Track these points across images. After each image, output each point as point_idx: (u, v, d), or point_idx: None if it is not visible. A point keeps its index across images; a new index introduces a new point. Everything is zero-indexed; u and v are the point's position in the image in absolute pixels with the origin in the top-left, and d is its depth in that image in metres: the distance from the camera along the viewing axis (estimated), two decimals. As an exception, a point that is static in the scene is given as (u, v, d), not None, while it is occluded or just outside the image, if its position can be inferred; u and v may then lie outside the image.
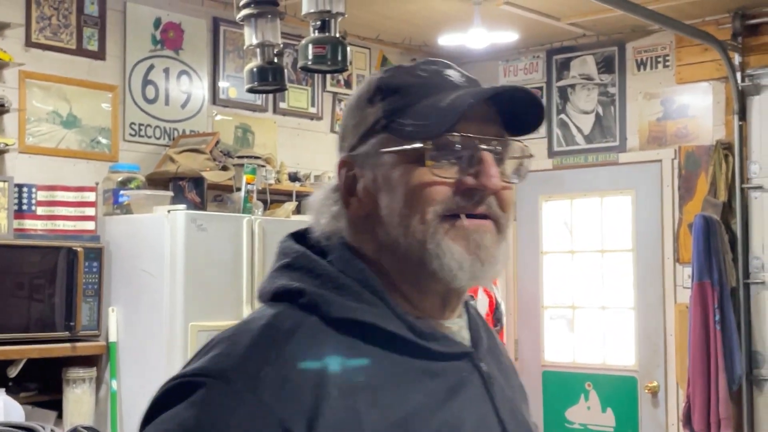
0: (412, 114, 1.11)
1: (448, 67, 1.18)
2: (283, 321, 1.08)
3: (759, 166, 4.91)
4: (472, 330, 1.21)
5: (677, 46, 5.19)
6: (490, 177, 1.10)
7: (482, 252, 1.11)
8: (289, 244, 1.18)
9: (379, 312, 1.10)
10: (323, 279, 1.11)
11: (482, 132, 1.12)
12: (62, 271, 3.75)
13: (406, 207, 1.10)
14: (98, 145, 4.33)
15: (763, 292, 4.87)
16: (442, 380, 1.11)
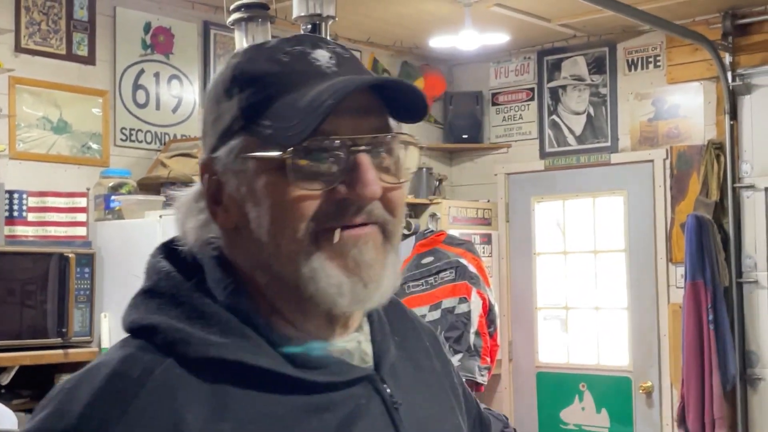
0: (271, 113, 0.95)
1: (316, 47, 0.99)
2: (131, 367, 0.92)
3: (750, 166, 4.92)
4: (375, 342, 1.05)
5: (668, 47, 5.19)
6: (365, 185, 0.94)
7: (364, 271, 0.95)
8: (155, 261, 1.01)
9: (249, 345, 0.94)
10: (185, 308, 0.96)
11: (357, 128, 0.96)
12: (54, 278, 3.74)
13: (274, 224, 0.95)
14: (89, 150, 4.32)
15: (756, 291, 4.88)
16: (332, 415, 0.96)
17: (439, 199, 5.50)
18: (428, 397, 1.10)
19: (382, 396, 1.01)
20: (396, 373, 1.06)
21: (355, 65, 1.00)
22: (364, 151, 0.95)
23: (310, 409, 0.95)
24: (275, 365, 0.94)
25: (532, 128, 5.74)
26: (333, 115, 0.93)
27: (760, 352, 4.87)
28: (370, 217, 0.96)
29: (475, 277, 5.01)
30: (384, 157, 0.98)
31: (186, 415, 0.89)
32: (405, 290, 5.07)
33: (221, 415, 0.91)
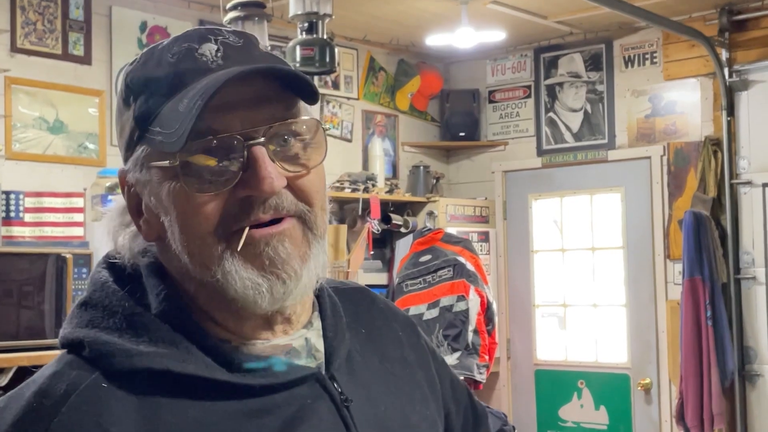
0: (159, 120, 0.92)
1: (204, 41, 0.95)
2: (58, 383, 0.90)
3: (748, 162, 4.91)
4: (327, 338, 1.02)
5: (664, 43, 5.19)
6: (262, 179, 0.90)
7: (281, 268, 0.92)
8: (95, 272, 1.00)
9: (177, 352, 0.92)
10: (116, 318, 0.94)
11: (249, 120, 0.92)
12: (51, 278, 3.73)
13: (183, 233, 0.93)
14: (86, 150, 4.31)
15: (754, 287, 4.88)
16: (273, 418, 0.93)
17: (436, 197, 5.49)
18: (393, 390, 1.07)
19: (330, 394, 0.98)
20: (353, 368, 1.04)
21: (246, 53, 0.95)
22: (259, 144, 0.92)
23: (248, 414, 0.92)
24: (205, 371, 0.92)
25: (529, 126, 5.74)
26: (223, 111, 0.90)
27: (758, 348, 4.87)
28: (279, 211, 0.93)
29: (473, 275, 5.01)
30: (288, 145, 0.94)
31: (111, 430, 0.87)
32: (403, 288, 5.07)
33: (151, 426, 0.89)
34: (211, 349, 0.94)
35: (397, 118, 5.77)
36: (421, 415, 1.09)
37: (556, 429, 5.54)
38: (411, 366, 1.12)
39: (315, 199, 0.96)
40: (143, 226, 0.98)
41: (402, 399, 1.07)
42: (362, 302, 1.14)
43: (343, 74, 5.43)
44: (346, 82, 5.47)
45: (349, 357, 1.04)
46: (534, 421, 5.61)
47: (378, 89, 5.66)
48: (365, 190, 5.08)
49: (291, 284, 0.93)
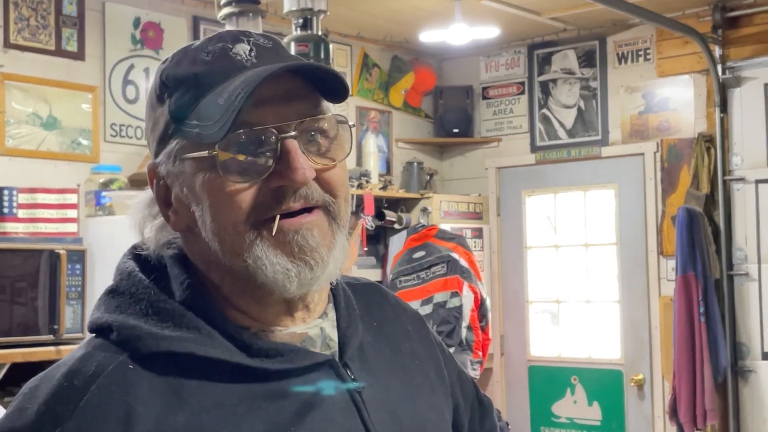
0: (197, 113, 0.98)
1: (236, 41, 1.02)
2: (87, 365, 0.96)
3: (741, 158, 4.93)
4: (341, 328, 1.08)
5: (658, 39, 5.20)
6: (295, 170, 0.97)
7: (309, 255, 0.98)
8: (122, 262, 1.06)
9: (200, 337, 0.97)
10: (142, 305, 1.00)
11: (283, 115, 0.98)
12: (45, 274, 3.72)
13: (215, 221, 0.99)
14: (79, 146, 4.30)
15: (747, 283, 4.90)
16: (289, 401, 0.98)
17: (430, 194, 5.50)
18: (403, 380, 1.12)
19: (343, 380, 1.03)
20: (365, 357, 1.09)
21: (277, 54, 1.02)
22: (291, 137, 0.98)
23: (266, 397, 0.97)
24: (227, 355, 0.97)
25: (522, 122, 5.74)
26: (258, 106, 0.97)
27: (750, 344, 4.88)
28: (308, 200, 0.99)
29: (467, 272, 5.02)
30: (316, 140, 1.01)
31: (137, 408, 0.93)
32: (397, 284, 5.07)
33: (175, 407, 0.94)
34: (231, 335, 0.99)
35: (390, 115, 5.77)
36: (430, 404, 1.14)
37: (550, 425, 5.55)
38: (420, 359, 1.18)
39: (340, 191, 1.02)
40: (172, 217, 1.04)
41: (411, 389, 1.12)
42: (374, 297, 1.20)
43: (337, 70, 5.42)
44: (340, 78, 5.47)
45: (361, 347, 1.09)
46: (527, 417, 5.62)
47: (372, 85, 5.66)
48: (359, 186, 5.08)
49: (318, 270, 0.99)
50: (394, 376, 1.11)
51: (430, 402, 1.14)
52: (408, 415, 1.08)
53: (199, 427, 0.94)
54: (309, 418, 0.98)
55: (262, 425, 0.96)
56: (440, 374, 1.20)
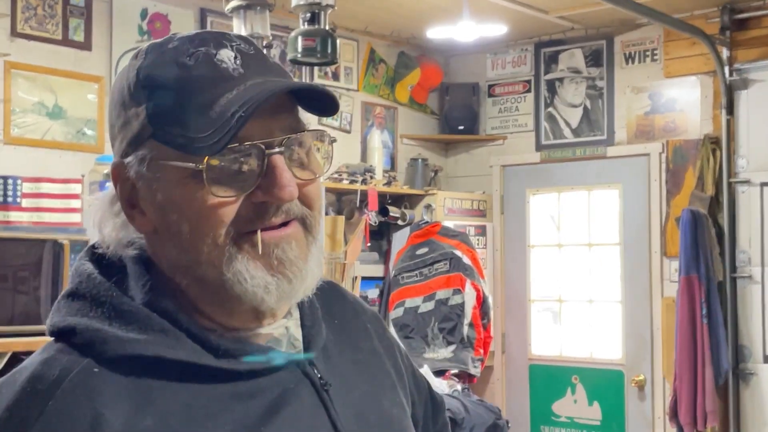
0: (181, 122, 0.95)
1: (220, 46, 0.98)
2: (50, 369, 0.93)
3: (746, 161, 4.92)
4: (305, 327, 1.08)
5: (665, 40, 5.19)
6: (282, 187, 0.96)
7: (288, 268, 0.98)
8: (79, 264, 1.03)
9: (168, 339, 0.96)
10: (105, 308, 0.97)
11: (269, 129, 0.97)
12: (48, 264, 3.72)
13: (193, 231, 0.96)
14: (84, 136, 4.30)
15: (750, 286, 4.89)
16: (258, 401, 0.98)
17: (434, 190, 5.49)
18: (366, 378, 1.12)
19: (311, 379, 1.03)
20: (329, 356, 1.09)
21: (261, 62, 1.01)
22: (277, 153, 0.97)
23: (234, 396, 0.97)
24: (194, 357, 0.96)
25: (528, 120, 5.74)
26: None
27: (752, 347, 4.88)
28: (288, 215, 0.99)
29: (469, 269, 5.01)
30: (298, 154, 1.00)
31: (104, 412, 0.91)
32: (399, 281, 5.07)
33: (143, 410, 0.92)
34: (198, 337, 0.98)
35: (396, 111, 5.76)
36: (392, 401, 1.14)
37: (550, 424, 5.55)
38: (380, 356, 1.18)
39: (316, 205, 1.03)
40: (138, 218, 1.01)
41: (374, 386, 1.13)
42: (333, 295, 1.20)
43: (343, 65, 5.42)
44: (346, 73, 5.46)
45: (325, 346, 1.09)
46: (527, 416, 5.62)
47: (378, 81, 5.65)
48: (363, 181, 5.08)
49: (296, 283, 0.99)
50: (357, 373, 1.12)
51: (392, 398, 1.15)
52: (373, 412, 1.09)
53: (167, 430, 0.92)
54: (278, 417, 0.98)
55: (232, 425, 0.95)
56: (399, 371, 1.21)
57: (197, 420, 0.94)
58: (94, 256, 1.04)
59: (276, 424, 0.97)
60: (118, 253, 1.02)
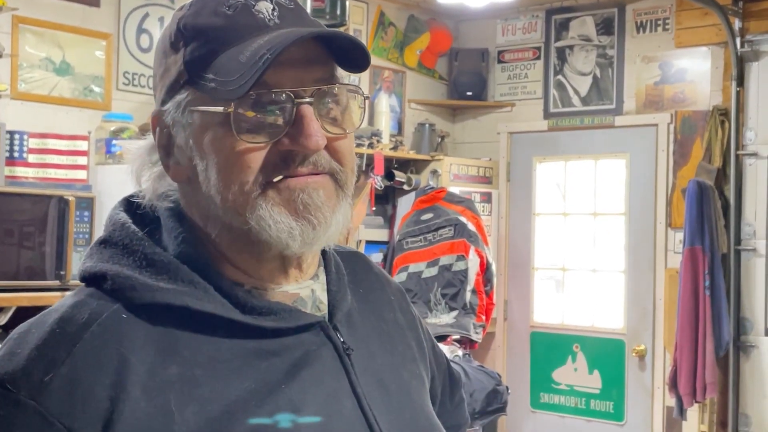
0: (214, 67, 0.97)
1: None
2: (80, 312, 0.96)
3: (755, 133, 4.89)
4: (331, 292, 1.09)
5: (677, 9, 5.14)
6: (309, 136, 0.97)
7: (313, 214, 0.98)
8: (114, 213, 1.05)
9: (196, 291, 0.98)
10: (136, 257, 0.99)
11: (300, 79, 0.98)
12: (53, 220, 3.73)
13: (221, 178, 0.98)
14: (91, 93, 4.29)
15: (754, 259, 4.89)
16: (281, 359, 0.99)
17: (440, 156, 5.48)
18: (388, 348, 1.13)
19: (333, 342, 1.04)
20: (353, 322, 1.10)
21: (298, 16, 1.01)
22: (307, 103, 0.98)
23: (258, 353, 0.98)
24: (222, 310, 0.97)
25: (537, 88, 5.71)
26: (276, 68, 0.95)
27: (754, 319, 4.89)
28: (316, 167, 0.99)
29: (474, 236, 5.01)
30: (330, 108, 1.01)
31: (130, 357, 0.93)
32: (404, 245, 5.07)
33: (168, 358, 0.94)
34: (226, 291, 0.99)
35: (404, 75, 5.74)
36: (412, 372, 1.15)
37: (550, 391, 5.58)
38: (402, 328, 1.20)
39: (347, 161, 1.03)
40: (172, 167, 1.03)
41: (395, 356, 1.14)
42: (359, 265, 1.21)
43: (353, 28, 5.39)
44: (355, 35, 5.43)
45: (349, 312, 1.10)
46: (527, 383, 5.65)
47: (387, 44, 5.62)
48: (370, 145, 5.07)
49: (320, 230, 0.99)
50: (379, 342, 1.12)
51: (412, 370, 1.15)
52: (393, 381, 1.09)
53: (191, 380, 0.94)
54: (299, 376, 0.99)
55: (253, 382, 0.96)
56: (420, 345, 1.21)
57: (220, 372, 0.95)
58: (130, 206, 1.06)
59: (297, 383, 0.98)
60: (154, 204, 1.04)
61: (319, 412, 0.98)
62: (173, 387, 0.93)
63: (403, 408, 1.09)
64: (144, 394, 0.92)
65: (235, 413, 0.94)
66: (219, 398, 0.94)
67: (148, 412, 0.91)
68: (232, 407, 0.94)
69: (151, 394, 0.92)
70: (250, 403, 0.95)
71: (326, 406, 0.99)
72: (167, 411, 0.92)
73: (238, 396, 0.95)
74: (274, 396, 0.96)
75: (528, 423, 5.62)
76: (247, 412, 0.94)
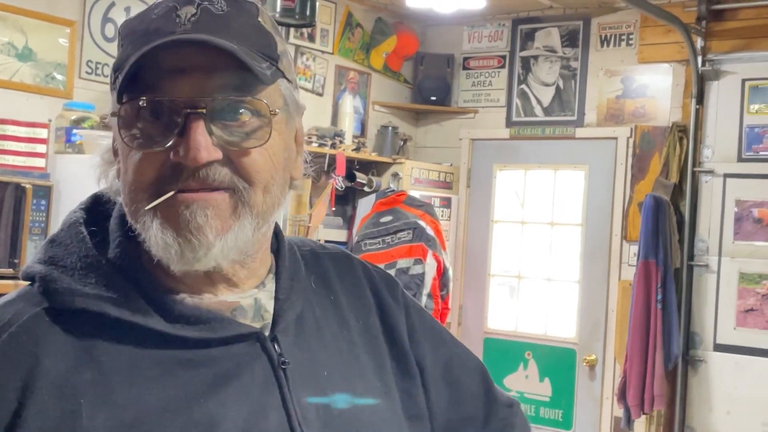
0: (122, 70, 0.95)
1: (187, 3, 0.96)
2: (5, 312, 0.96)
3: (712, 151, 4.97)
4: (278, 300, 1.04)
5: (642, 26, 5.21)
6: (189, 149, 0.92)
7: (193, 233, 0.94)
8: (71, 212, 1.05)
9: (118, 297, 0.95)
10: (74, 258, 0.98)
11: (198, 87, 0.93)
12: (9, 207, 3.69)
13: (123, 183, 0.98)
14: (53, 81, 4.25)
15: (706, 274, 4.96)
16: (205, 371, 0.96)
17: (402, 159, 5.50)
18: (345, 357, 1.08)
19: (268, 354, 1.00)
20: (302, 331, 1.06)
21: (222, 23, 0.95)
22: (197, 113, 0.93)
23: (181, 364, 0.96)
24: (140, 319, 0.95)
25: (500, 96, 5.75)
26: (177, 75, 0.93)
27: (703, 334, 4.96)
28: (205, 183, 0.94)
29: (432, 240, 5.03)
30: (231, 120, 0.95)
31: (44, 360, 0.92)
32: (362, 247, 5.08)
33: (84, 364, 0.93)
34: (154, 298, 0.97)
35: (370, 77, 5.75)
36: (371, 385, 1.09)
37: (500, 397, 5.60)
38: (373, 334, 1.13)
39: (255, 179, 0.97)
40: (117, 167, 1.02)
41: (352, 367, 1.08)
42: (339, 268, 1.16)
43: (320, 27, 5.39)
44: (322, 35, 5.43)
45: (300, 321, 1.06)
46: (479, 388, 5.67)
47: (353, 45, 5.63)
48: (332, 146, 5.07)
49: (201, 251, 0.95)
50: (335, 352, 1.08)
51: (371, 383, 1.09)
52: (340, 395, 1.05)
53: (106, 386, 0.92)
54: (223, 389, 0.96)
55: (174, 391, 0.94)
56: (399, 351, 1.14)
57: (138, 381, 0.93)
58: (95, 203, 1.06)
59: (219, 395, 0.95)
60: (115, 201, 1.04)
61: (240, 426, 0.95)
62: (86, 392, 0.92)
63: (346, 425, 1.04)
64: (54, 398, 0.91)
65: (147, 422, 0.92)
66: (133, 406, 0.92)
67: (55, 416, 0.90)
68: (145, 416, 0.92)
69: (62, 397, 0.91)
70: (164, 414, 0.92)
71: (249, 421, 0.96)
72: (76, 415, 0.90)
73: (153, 405, 0.92)
74: (191, 407, 0.94)
75: (477, 428, 5.65)
76: (160, 423, 0.92)
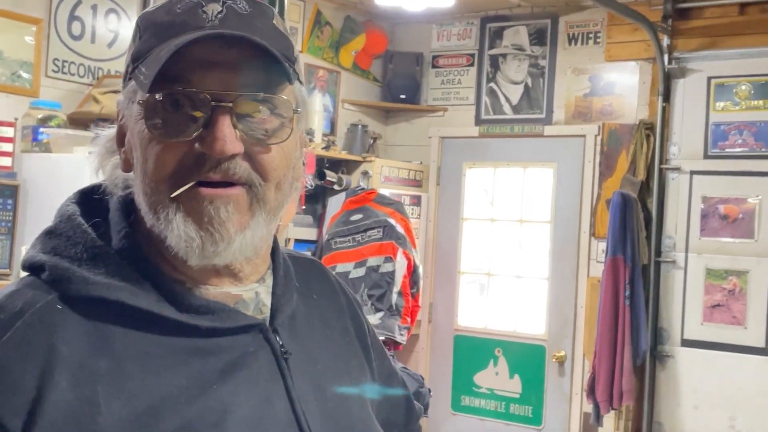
0: (146, 60, 0.98)
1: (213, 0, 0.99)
2: (13, 301, 0.96)
3: (678, 148, 5.02)
4: (275, 295, 1.09)
5: (609, 24, 5.24)
6: (215, 140, 0.95)
7: (216, 228, 0.97)
8: (64, 205, 1.06)
9: (131, 286, 0.97)
10: (79, 249, 1.00)
11: (225, 82, 0.96)
12: (-25, 207, 3.65)
13: (142, 173, 0.99)
14: (19, 79, 4.21)
15: (673, 271, 5.01)
16: (216, 359, 0.99)
17: (372, 157, 5.50)
18: (332, 353, 1.14)
19: (271, 345, 1.04)
20: (296, 327, 1.10)
21: (246, 22, 0.98)
22: (224, 107, 0.96)
23: (193, 351, 0.98)
24: (155, 307, 0.98)
25: (469, 94, 5.77)
26: (204, 68, 0.95)
27: (671, 329, 5.01)
28: (228, 174, 0.97)
29: (402, 238, 5.04)
30: (254, 117, 0.98)
31: (61, 348, 0.93)
32: (332, 245, 5.08)
33: (99, 351, 0.94)
34: (163, 288, 1.00)
35: (339, 75, 5.75)
36: (354, 380, 1.16)
37: (471, 394, 5.64)
38: (351, 336, 1.21)
39: (270, 176, 1.00)
40: (123, 157, 1.04)
41: (338, 363, 1.15)
42: (314, 272, 1.22)
43: (289, 25, 5.36)
44: (291, 33, 5.41)
45: (293, 316, 1.11)
46: (449, 385, 5.70)
47: (322, 44, 5.62)
48: (302, 144, 5.05)
49: (221, 246, 0.98)
50: (324, 348, 1.13)
51: (355, 378, 1.16)
52: (332, 388, 1.10)
53: (121, 374, 0.94)
54: (232, 377, 0.99)
55: (185, 379, 0.96)
56: (368, 354, 1.22)
57: (152, 368, 0.95)
58: (84, 197, 1.06)
59: (230, 384, 0.98)
60: (113, 193, 1.05)
61: (250, 413, 0.98)
62: (102, 379, 0.93)
63: (339, 415, 1.09)
64: (71, 385, 0.92)
65: (162, 409, 0.94)
66: (148, 393, 0.94)
67: (74, 403, 0.91)
68: (160, 403, 0.94)
69: (79, 384, 0.92)
70: (179, 400, 0.95)
71: (258, 408, 0.99)
72: (94, 402, 0.91)
73: (167, 392, 0.95)
74: (204, 395, 0.96)
75: (448, 425, 5.67)
76: (175, 410, 0.94)
